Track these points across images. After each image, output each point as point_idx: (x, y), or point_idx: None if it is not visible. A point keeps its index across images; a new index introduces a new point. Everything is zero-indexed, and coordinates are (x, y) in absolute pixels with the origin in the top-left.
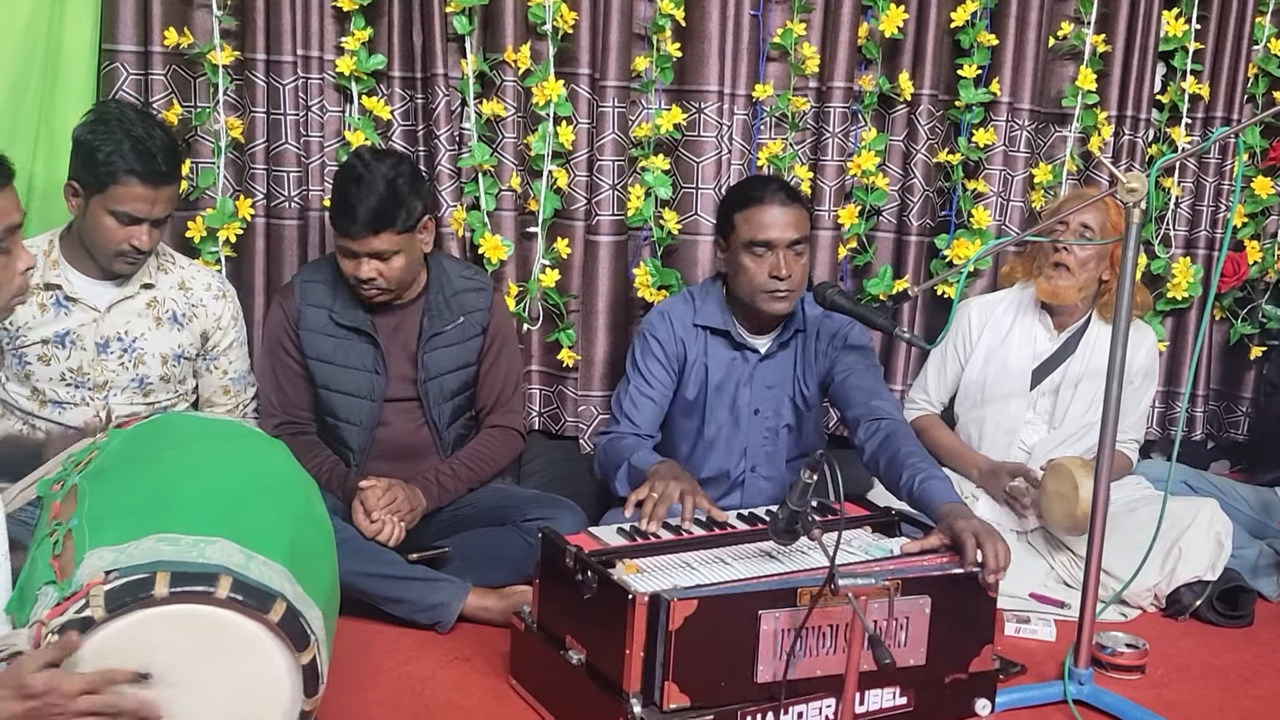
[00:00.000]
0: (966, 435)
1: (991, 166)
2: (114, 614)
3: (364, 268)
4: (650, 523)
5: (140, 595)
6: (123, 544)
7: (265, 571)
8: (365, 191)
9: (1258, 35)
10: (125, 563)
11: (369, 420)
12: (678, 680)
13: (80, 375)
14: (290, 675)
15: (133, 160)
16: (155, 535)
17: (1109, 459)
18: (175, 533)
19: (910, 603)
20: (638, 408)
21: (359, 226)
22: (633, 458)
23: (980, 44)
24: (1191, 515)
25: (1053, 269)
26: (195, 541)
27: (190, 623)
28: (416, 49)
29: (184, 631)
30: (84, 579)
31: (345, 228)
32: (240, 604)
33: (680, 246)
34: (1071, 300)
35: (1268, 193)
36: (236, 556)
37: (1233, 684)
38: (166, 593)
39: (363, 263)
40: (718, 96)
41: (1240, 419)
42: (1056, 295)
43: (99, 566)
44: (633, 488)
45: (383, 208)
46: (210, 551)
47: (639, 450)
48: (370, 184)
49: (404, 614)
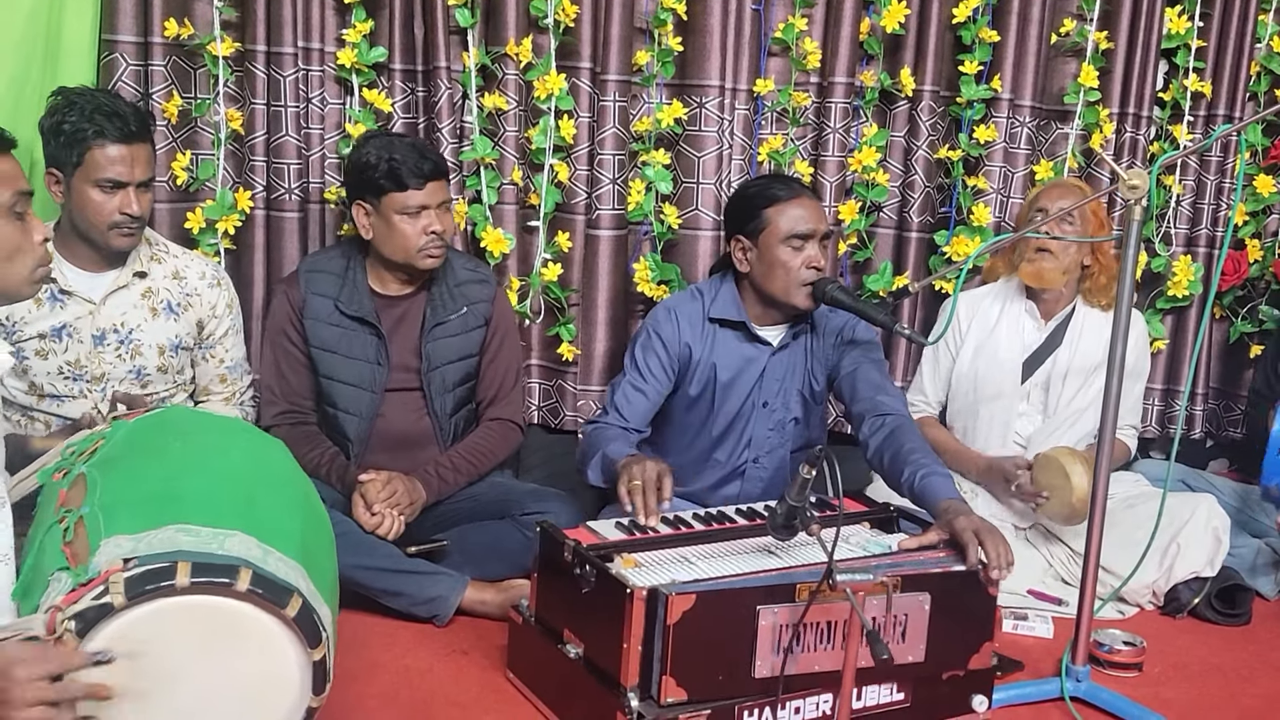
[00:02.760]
0: (961, 429)
1: (992, 163)
2: (134, 601)
3: (436, 221)
4: (650, 517)
5: (161, 584)
6: (140, 533)
7: (282, 566)
8: (409, 147)
9: (1260, 33)
10: (145, 551)
11: (368, 411)
12: (675, 674)
13: (78, 368)
14: (301, 671)
15: (102, 122)
16: (174, 525)
17: (1108, 455)
18: (193, 524)
19: (910, 600)
20: (630, 402)
21: (427, 173)
22: (607, 448)
23: (982, 40)
24: (1189, 511)
25: (1035, 253)
26: (214, 534)
27: (208, 614)
28: (418, 41)
29: (201, 622)
30: (102, 565)
31: (412, 180)
32: (259, 597)
33: (680, 241)
34: (1056, 283)
35: (1269, 191)
36: (255, 550)
37: (1230, 682)
38: (188, 583)
39: (433, 216)
40: (719, 91)
41: (1239, 418)
42: (1041, 277)
43: (117, 554)
44: (604, 477)
45: (433, 155)
46: (230, 544)
47: (616, 442)
48: (407, 142)
49: (402, 607)
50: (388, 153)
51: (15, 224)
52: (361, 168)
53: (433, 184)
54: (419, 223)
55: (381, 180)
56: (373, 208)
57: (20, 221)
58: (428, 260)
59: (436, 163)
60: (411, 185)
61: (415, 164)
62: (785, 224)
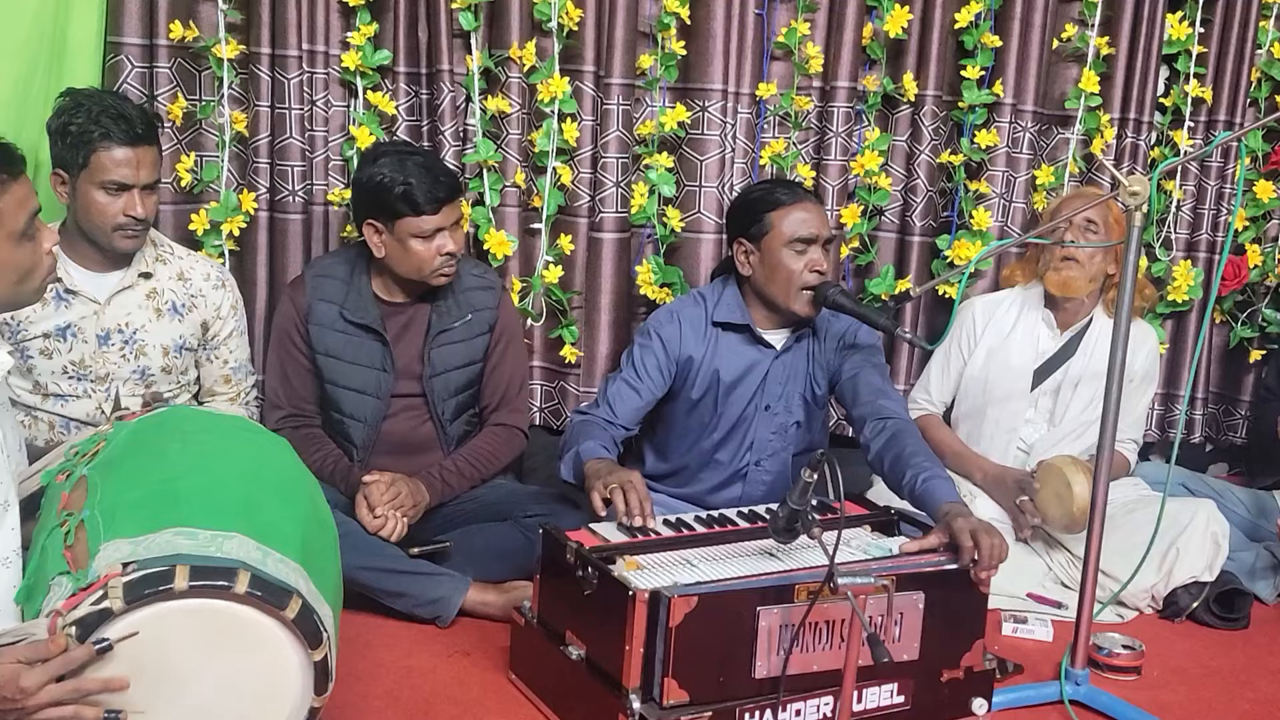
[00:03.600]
0: (966, 433)
1: (994, 168)
2: (132, 606)
3: (450, 241)
4: (636, 517)
5: (160, 588)
6: (138, 536)
7: (281, 568)
8: (426, 166)
9: (1261, 39)
10: (143, 555)
11: (374, 417)
12: (677, 676)
13: (82, 368)
14: (302, 672)
15: (108, 124)
16: (172, 529)
17: (1108, 459)
18: (191, 527)
19: (905, 598)
20: (622, 398)
21: (442, 197)
22: (581, 445)
23: (984, 45)
24: (1189, 516)
25: (1061, 261)
26: (213, 536)
27: (207, 617)
28: (422, 44)
29: (200, 625)
30: (101, 570)
31: (428, 205)
32: (258, 599)
33: (683, 244)
34: (1082, 291)
35: (1269, 197)
36: (253, 552)
37: (1228, 686)
38: (186, 586)
39: (447, 237)
40: (722, 95)
41: (1239, 422)
42: (1067, 286)
43: (116, 558)
44: (575, 475)
45: (449, 175)
46: (228, 546)
47: (592, 440)
48: (424, 161)
49: (405, 608)
50: (401, 175)
51: (28, 245)
52: (374, 189)
53: (448, 207)
54: (433, 244)
55: (395, 203)
56: (386, 228)
57: (32, 242)
58: (440, 279)
59: (451, 184)
60: (427, 210)
61: (430, 189)
62: (788, 228)
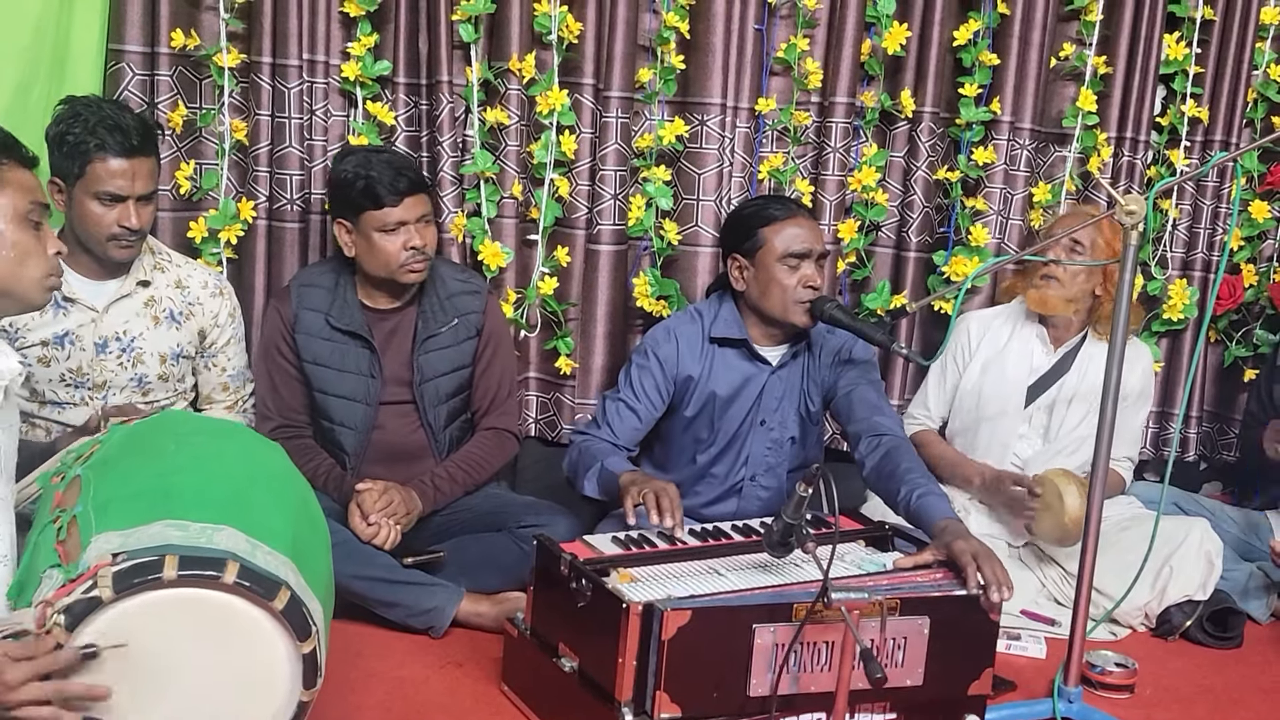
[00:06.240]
0: (961, 448)
1: (991, 185)
2: (121, 595)
3: (416, 236)
4: (666, 518)
5: (149, 577)
6: (129, 529)
7: (270, 560)
8: (387, 162)
9: (1257, 60)
10: (133, 546)
11: (364, 424)
12: (669, 690)
13: (80, 375)
14: (290, 664)
15: (104, 135)
16: (163, 521)
17: (1103, 476)
18: (183, 519)
19: (909, 623)
20: (621, 419)
21: (403, 189)
22: (606, 460)
23: (982, 63)
24: (1183, 534)
25: (1040, 279)
26: (203, 528)
27: (196, 607)
28: (422, 55)
29: (189, 615)
30: (91, 561)
31: (390, 198)
32: (246, 590)
33: (680, 257)
34: (1060, 310)
35: (1265, 216)
36: (243, 544)
37: (1221, 705)
38: (175, 575)
39: (412, 231)
40: (720, 109)
41: (1233, 441)
42: (1045, 304)
43: (106, 549)
44: (603, 489)
45: (412, 170)
46: (218, 538)
47: (614, 456)
48: (386, 157)
49: (397, 618)
50: (364, 169)
51: (31, 231)
52: (338, 186)
53: (410, 199)
54: (398, 239)
55: (358, 198)
56: (353, 225)
57: (36, 230)
58: (409, 275)
59: (413, 177)
60: (388, 202)
61: (391, 180)
62: (781, 243)
